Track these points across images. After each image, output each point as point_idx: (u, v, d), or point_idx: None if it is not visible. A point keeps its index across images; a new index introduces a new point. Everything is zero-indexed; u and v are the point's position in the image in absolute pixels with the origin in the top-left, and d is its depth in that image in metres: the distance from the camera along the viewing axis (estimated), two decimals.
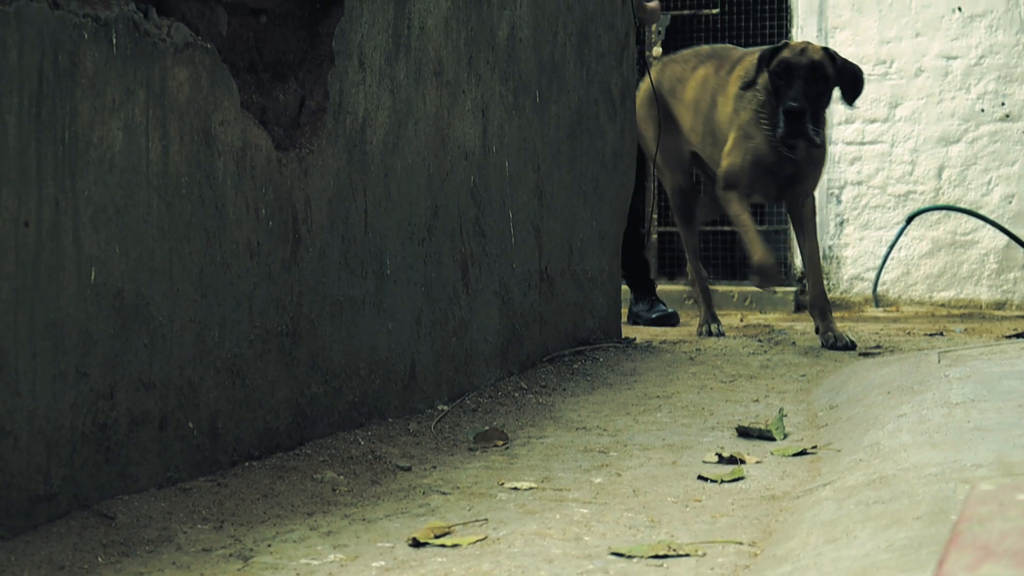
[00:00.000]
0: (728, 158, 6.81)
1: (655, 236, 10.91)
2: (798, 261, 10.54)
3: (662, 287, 10.24)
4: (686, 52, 7.55)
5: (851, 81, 6.61)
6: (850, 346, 6.51)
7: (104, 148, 3.18)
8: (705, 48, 7.51)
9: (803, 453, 4.02)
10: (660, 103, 7.42)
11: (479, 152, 5.09)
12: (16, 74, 2.92)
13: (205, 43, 3.55)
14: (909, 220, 10.35)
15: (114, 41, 3.21)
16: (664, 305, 8.44)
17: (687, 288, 9.61)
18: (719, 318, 7.72)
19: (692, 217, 7.60)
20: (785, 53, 6.54)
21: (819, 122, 6.54)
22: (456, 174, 4.90)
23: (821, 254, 10.11)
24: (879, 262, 10.37)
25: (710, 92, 7.11)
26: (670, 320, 8.25)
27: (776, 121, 6.53)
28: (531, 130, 5.58)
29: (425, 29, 4.67)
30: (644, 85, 7.50)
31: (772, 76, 6.55)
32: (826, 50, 6.57)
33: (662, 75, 7.57)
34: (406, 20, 4.54)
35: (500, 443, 4.22)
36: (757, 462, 3.92)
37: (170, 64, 3.41)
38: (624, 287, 8.00)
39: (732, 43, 8.99)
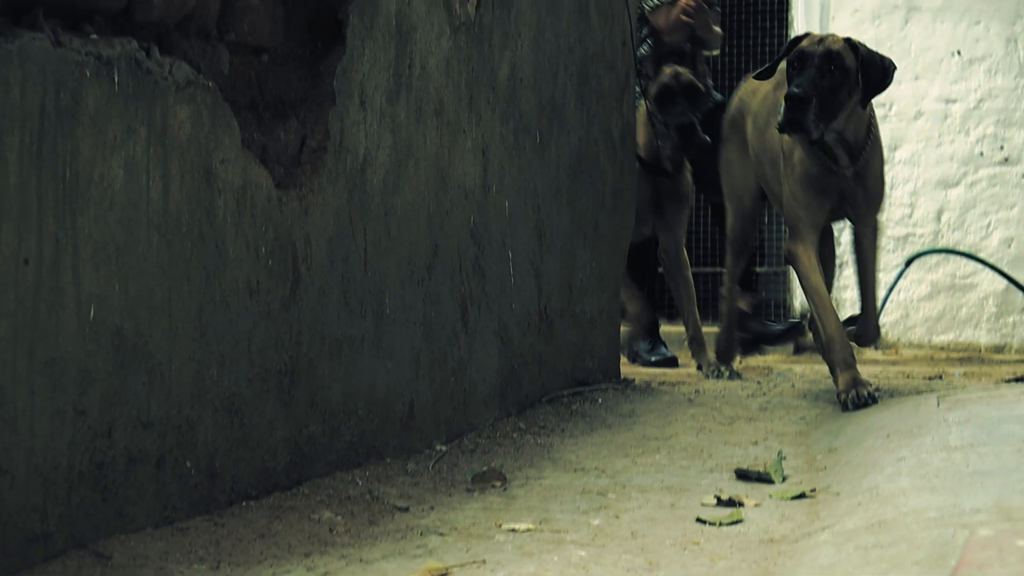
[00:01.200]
0: (784, 187, 6.15)
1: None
2: (797, 303, 10.54)
3: (663, 328, 10.22)
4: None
5: (877, 76, 5.77)
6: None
7: (105, 186, 3.18)
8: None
9: (802, 496, 4.01)
10: (736, 124, 7.02)
11: (479, 192, 5.09)
12: (18, 111, 2.92)
13: (207, 81, 3.56)
14: (908, 263, 10.34)
15: (116, 79, 3.21)
16: (665, 347, 8.44)
17: (684, 330, 9.57)
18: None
19: (743, 251, 7.33)
20: (804, 43, 5.80)
21: (830, 117, 5.65)
22: (456, 213, 4.90)
23: None
24: (878, 304, 10.36)
25: (767, 109, 6.53)
26: (669, 364, 8.25)
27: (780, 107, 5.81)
28: (531, 170, 5.58)
29: (426, 69, 4.67)
30: (732, 103, 7.22)
31: (788, 66, 5.82)
32: (848, 41, 5.79)
33: (743, 93, 7.09)
34: (407, 60, 4.55)
35: (498, 484, 4.21)
36: (756, 505, 3.90)
37: (172, 102, 3.41)
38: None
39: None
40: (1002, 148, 10.25)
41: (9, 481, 2.89)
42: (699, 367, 7.66)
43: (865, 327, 6.52)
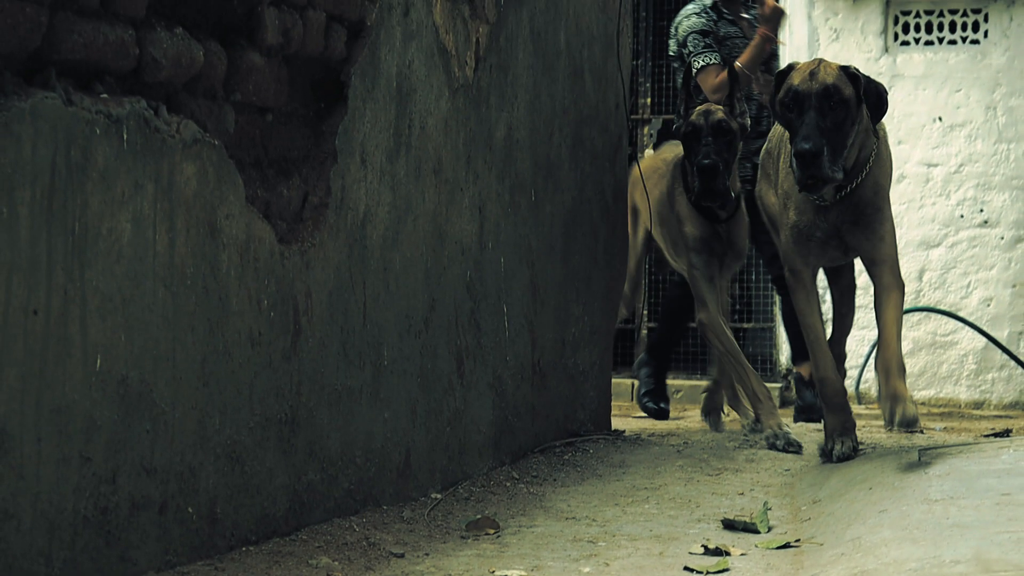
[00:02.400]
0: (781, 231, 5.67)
1: (644, 332, 10.90)
2: (783, 358, 10.53)
3: None
4: None
5: (875, 103, 5.20)
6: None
7: (113, 239, 3.18)
8: None
9: (787, 546, 3.99)
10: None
11: (476, 248, 5.09)
12: (30, 167, 2.93)
13: (213, 140, 3.56)
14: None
15: (125, 137, 3.22)
16: (666, 402, 8.33)
17: (671, 382, 9.55)
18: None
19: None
20: (794, 79, 5.17)
21: (840, 154, 5.09)
22: (453, 269, 4.90)
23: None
24: (862, 360, 10.35)
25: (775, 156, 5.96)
26: (658, 416, 8.19)
27: (792, 164, 5.17)
28: (526, 227, 5.59)
29: (425, 129, 4.69)
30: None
31: (782, 108, 5.21)
32: (844, 69, 5.20)
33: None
34: (407, 120, 4.56)
35: (491, 531, 4.19)
36: (742, 554, 3.89)
37: (178, 159, 3.42)
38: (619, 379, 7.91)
39: None
40: (982, 211, 10.27)
41: (15, 525, 2.88)
42: (751, 428, 6.82)
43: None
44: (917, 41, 10.41)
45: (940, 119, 10.34)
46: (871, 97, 5.17)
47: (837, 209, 5.31)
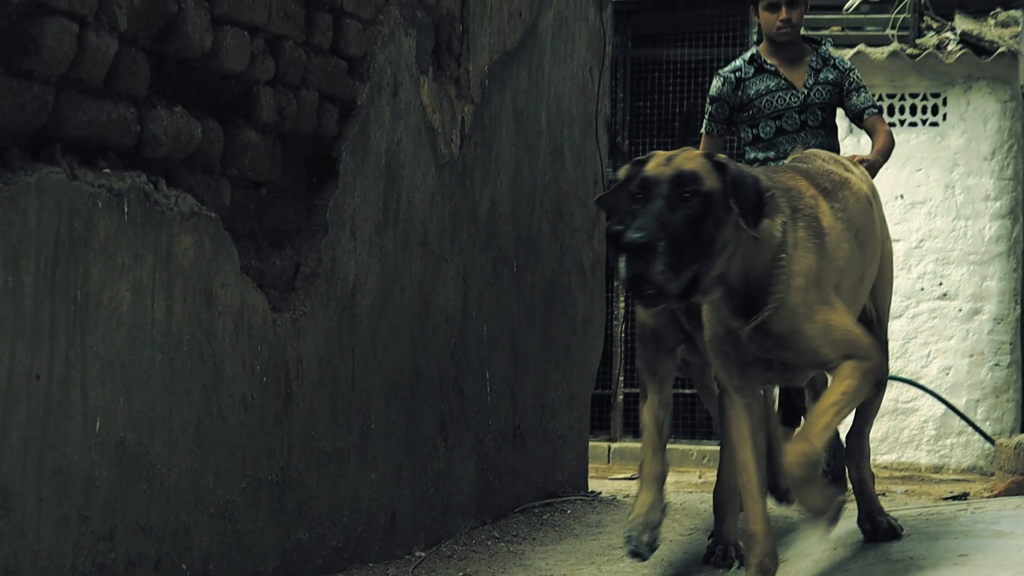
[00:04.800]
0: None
1: (620, 397, 10.89)
2: None
3: (628, 444, 10.19)
4: None
5: (744, 198, 3.65)
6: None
7: (113, 307, 3.17)
8: None
9: None
10: None
11: (460, 317, 5.09)
12: (34, 238, 2.93)
13: (210, 212, 3.57)
14: None
15: (126, 209, 3.22)
16: None
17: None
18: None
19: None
20: (648, 165, 3.75)
21: (696, 261, 3.59)
22: (438, 337, 4.90)
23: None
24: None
25: None
26: None
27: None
28: (508, 297, 5.59)
29: (413, 203, 4.70)
30: None
31: (633, 200, 3.72)
32: (710, 158, 3.75)
33: None
34: (395, 195, 4.57)
35: None
36: None
37: (177, 231, 3.42)
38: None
39: None
40: (941, 284, 10.31)
41: None
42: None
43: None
44: None
45: (902, 196, 10.40)
46: (740, 191, 3.65)
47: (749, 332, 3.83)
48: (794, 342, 3.78)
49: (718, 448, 4.84)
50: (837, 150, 6.01)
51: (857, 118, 5.95)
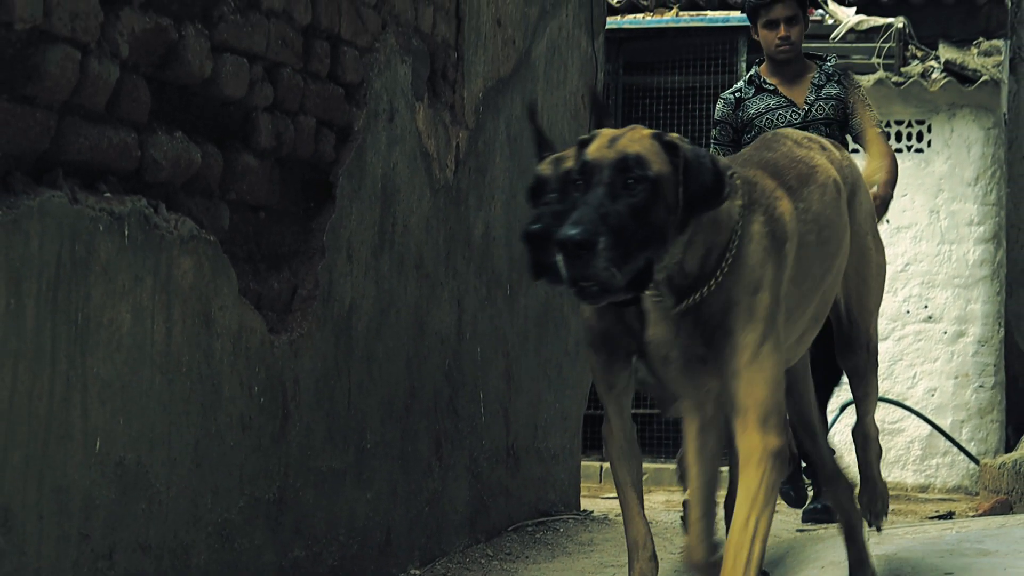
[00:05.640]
0: None
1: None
2: None
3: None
4: None
5: (698, 182, 3.15)
6: None
7: (113, 329, 3.17)
8: None
9: None
10: None
11: (454, 338, 5.09)
12: (36, 261, 2.92)
13: (208, 235, 3.57)
14: (842, 409, 10.36)
15: (126, 233, 3.22)
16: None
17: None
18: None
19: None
20: (590, 148, 3.21)
21: (647, 252, 3.09)
22: (432, 358, 4.90)
23: None
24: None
25: None
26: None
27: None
28: (502, 319, 5.59)
29: (408, 227, 4.70)
30: None
31: (574, 187, 3.25)
32: (658, 136, 3.20)
33: None
34: (391, 219, 4.57)
35: None
36: None
37: (176, 254, 3.42)
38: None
39: None
40: (926, 307, 10.33)
41: None
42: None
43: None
44: None
45: (888, 221, 10.41)
46: (692, 173, 3.15)
47: (685, 323, 3.31)
48: (717, 342, 3.26)
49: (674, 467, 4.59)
50: None
51: (858, 137, 5.77)
